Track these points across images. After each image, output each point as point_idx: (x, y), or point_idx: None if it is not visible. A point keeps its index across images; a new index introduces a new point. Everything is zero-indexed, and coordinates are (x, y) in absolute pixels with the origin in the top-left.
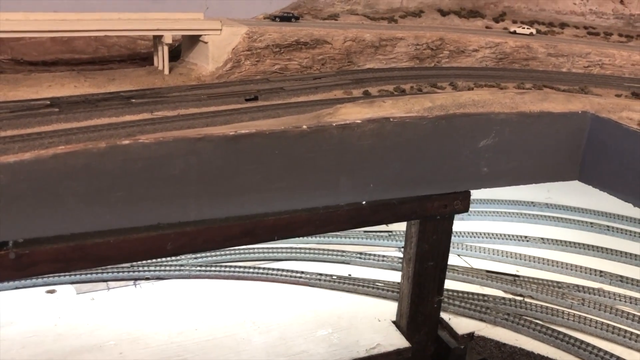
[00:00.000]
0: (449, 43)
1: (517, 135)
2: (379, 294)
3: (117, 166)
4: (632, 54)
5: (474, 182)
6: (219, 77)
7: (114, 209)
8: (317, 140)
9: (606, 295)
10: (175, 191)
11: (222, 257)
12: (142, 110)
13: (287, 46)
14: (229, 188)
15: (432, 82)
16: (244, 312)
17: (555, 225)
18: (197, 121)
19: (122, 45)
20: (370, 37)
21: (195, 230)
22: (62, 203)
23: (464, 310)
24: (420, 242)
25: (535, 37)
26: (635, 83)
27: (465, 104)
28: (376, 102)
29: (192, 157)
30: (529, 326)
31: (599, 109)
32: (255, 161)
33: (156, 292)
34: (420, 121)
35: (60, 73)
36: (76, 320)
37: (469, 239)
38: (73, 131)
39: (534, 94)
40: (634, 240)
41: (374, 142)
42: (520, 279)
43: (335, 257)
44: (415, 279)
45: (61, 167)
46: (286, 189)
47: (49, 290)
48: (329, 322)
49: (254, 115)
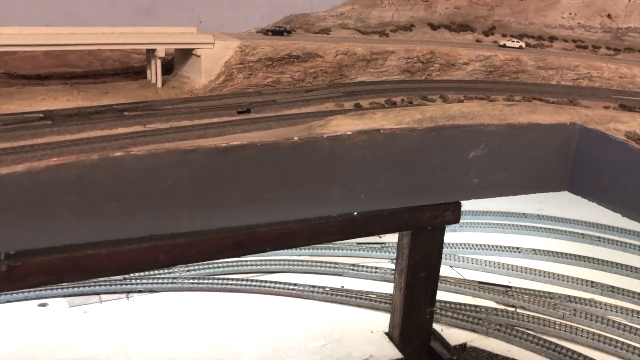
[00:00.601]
0: (440, 56)
1: (506, 147)
2: (372, 306)
3: (109, 178)
4: (619, 67)
5: (464, 192)
6: (211, 90)
7: (106, 221)
8: (309, 152)
9: (597, 305)
10: (167, 202)
11: (215, 269)
12: (134, 122)
13: (279, 59)
14: (221, 199)
15: (422, 95)
16: (237, 325)
17: (547, 236)
18: (189, 133)
19: (115, 59)
20: (362, 50)
21: (188, 241)
22: (54, 215)
23: (456, 321)
24: (412, 253)
25: (524, 50)
26: (623, 95)
27: (455, 116)
28: (367, 114)
29: (184, 169)
30: (521, 337)
31: (586, 121)
32: (247, 172)
33: (149, 305)
34: (410, 133)
35: (53, 86)
36: (68, 334)
37: (461, 250)
38: (66, 143)
39: (523, 105)
40: (625, 250)
41: (365, 153)
42: (512, 289)
43: (328, 269)
44: (408, 290)
45: (54, 179)
46: (278, 200)
47: (41, 303)
48: (321, 333)
49: (246, 127)
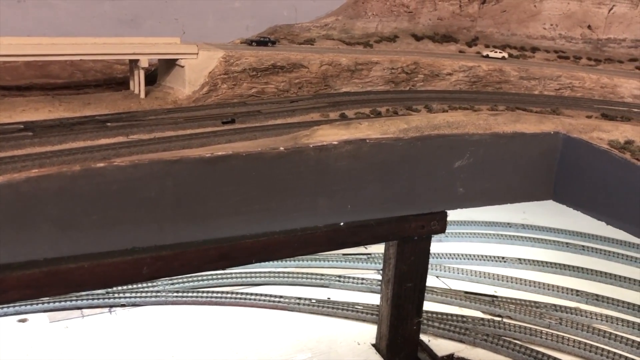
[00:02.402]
0: (424, 67)
1: (491, 156)
2: (359, 317)
3: (91, 189)
4: (600, 77)
5: (450, 202)
6: (195, 101)
7: (88, 233)
8: (295, 162)
9: (583, 314)
10: (151, 214)
11: (200, 282)
12: (117, 133)
13: (263, 70)
14: (205, 211)
15: (407, 105)
16: (222, 338)
17: (532, 245)
18: (173, 144)
19: (98, 70)
20: (347, 61)
21: (172, 254)
22: (34, 227)
23: (443, 332)
24: (399, 263)
25: (507, 60)
26: (605, 105)
27: (440, 126)
28: (352, 123)
29: (168, 180)
30: (507, 346)
31: (570, 130)
32: (232, 183)
33: (132, 319)
34: (396, 142)
35: (34, 97)
36: (49, 350)
37: (446, 260)
38: (47, 155)
39: (507, 115)
40: (609, 259)
41: (351, 163)
42: (498, 299)
43: (314, 281)
44: (394, 300)
45: (34, 191)
46: (264, 211)
47: (21, 319)
48: (308, 346)
49: (230, 137)
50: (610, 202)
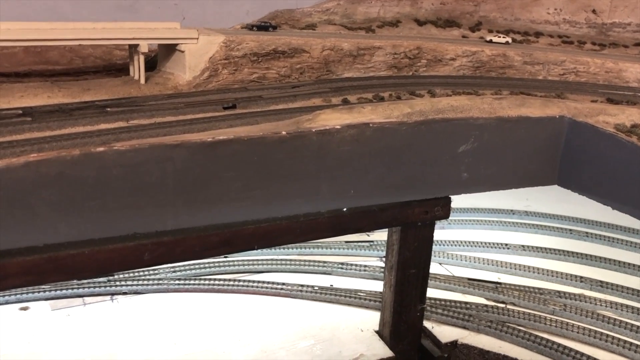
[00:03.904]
0: (427, 52)
1: (495, 140)
2: (362, 304)
3: (91, 174)
4: (605, 62)
5: (454, 187)
6: (196, 86)
7: (88, 219)
8: (297, 146)
9: (587, 300)
10: (151, 199)
11: (202, 270)
12: (117, 119)
13: (265, 55)
14: (206, 196)
15: (410, 90)
16: (224, 326)
17: (535, 232)
18: (173, 129)
19: (97, 56)
20: (349, 46)
21: (173, 240)
22: (34, 213)
23: (446, 319)
24: (402, 249)
25: (511, 45)
26: (610, 89)
27: (444, 110)
28: (355, 107)
29: (168, 165)
30: (512, 333)
31: (575, 114)
32: (233, 168)
33: (134, 307)
34: (399, 127)
35: (33, 83)
36: (51, 338)
37: (450, 247)
38: (46, 140)
39: (512, 99)
40: (613, 246)
41: (354, 148)
42: (502, 286)
43: (317, 268)
44: (398, 287)
45: (33, 176)
46: (265, 196)
47: (22, 307)
48: (311, 333)
49: (232, 122)
50: (616, 186)
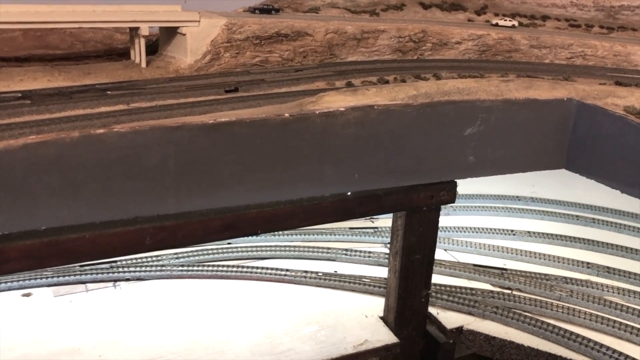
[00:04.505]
0: (432, 35)
1: (502, 123)
2: (366, 290)
3: (91, 156)
4: (613, 45)
5: (460, 171)
6: (197, 70)
7: (88, 202)
8: (300, 129)
9: (594, 286)
10: (152, 183)
11: (205, 256)
12: (118, 102)
13: (267, 38)
14: (209, 179)
15: (415, 74)
16: (228, 312)
17: (541, 218)
18: (175, 111)
19: (98, 41)
20: (352, 29)
21: (175, 224)
22: (33, 196)
23: (452, 304)
24: (407, 234)
25: (517, 29)
26: (618, 72)
27: (450, 92)
28: (360, 90)
29: (170, 147)
30: (518, 319)
31: (584, 96)
32: (235, 151)
33: (137, 293)
34: (405, 109)
35: (33, 67)
36: (53, 324)
37: (455, 234)
38: (45, 122)
39: (519, 81)
40: (619, 232)
41: (358, 131)
42: (507, 272)
43: (321, 255)
44: (403, 272)
45: (32, 158)
46: (269, 180)
47: (25, 293)
48: (315, 319)
49: (234, 105)
50: (625, 169)
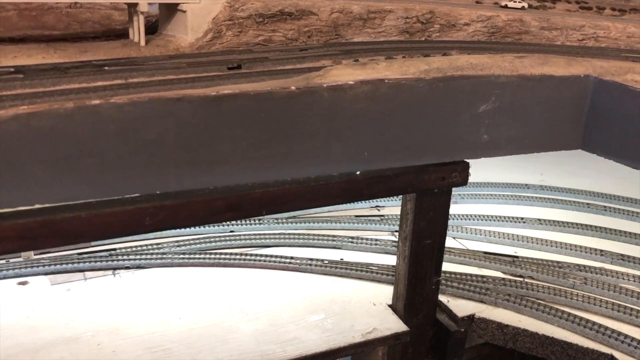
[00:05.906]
0: (440, 16)
1: (518, 100)
2: (374, 278)
3: (86, 129)
4: (627, 26)
5: (473, 150)
6: (199, 48)
7: (84, 179)
8: (307, 103)
9: (609, 274)
10: (152, 158)
11: (207, 244)
12: (115, 77)
13: (271, 16)
14: (211, 155)
15: (424, 54)
16: (231, 300)
17: (551, 206)
18: (175, 86)
19: (95, 21)
20: (358, 9)
21: (176, 204)
22: (25, 172)
23: (462, 292)
24: (417, 218)
25: (527, 10)
26: (633, 54)
27: (463, 67)
28: (369, 64)
29: (170, 120)
30: (531, 306)
31: (601, 72)
32: (239, 126)
33: (137, 282)
34: (416, 83)
35: (27, 45)
36: (50, 312)
37: (464, 222)
38: (38, 95)
39: (534, 57)
40: (632, 219)
41: (368, 106)
42: (519, 259)
43: (326, 242)
44: (412, 258)
45: (23, 130)
46: (274, 156)
47: (21, 281)
48: (321, 307)
49: (236, 80)
50: None
